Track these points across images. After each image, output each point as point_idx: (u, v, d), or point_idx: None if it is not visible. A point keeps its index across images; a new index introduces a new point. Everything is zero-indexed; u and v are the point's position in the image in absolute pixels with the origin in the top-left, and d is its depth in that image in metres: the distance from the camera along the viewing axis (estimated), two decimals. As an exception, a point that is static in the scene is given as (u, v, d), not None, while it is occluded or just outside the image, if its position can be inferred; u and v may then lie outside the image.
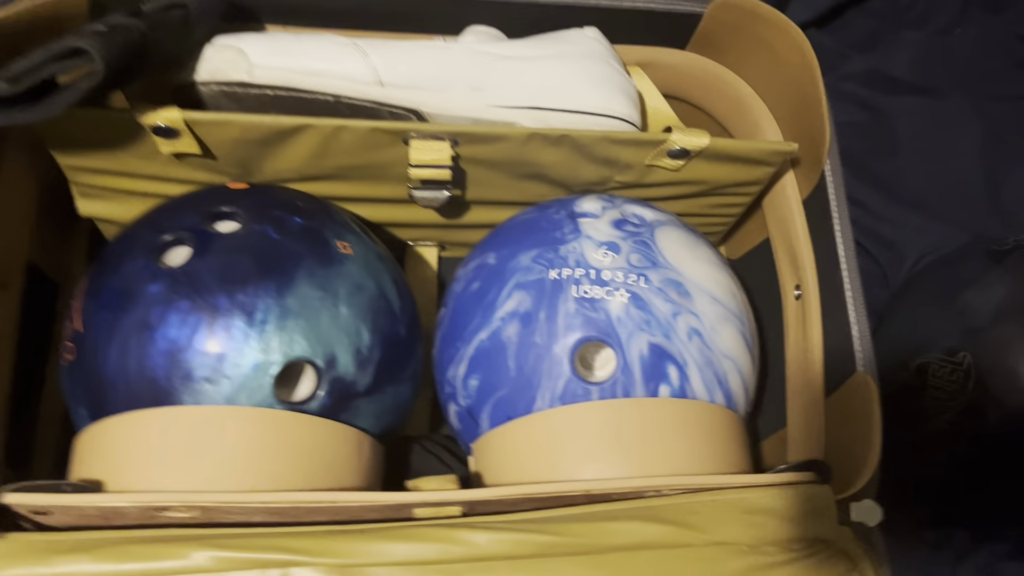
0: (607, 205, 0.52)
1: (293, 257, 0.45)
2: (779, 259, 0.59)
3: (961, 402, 0.52)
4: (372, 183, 0.54)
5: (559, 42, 0.54)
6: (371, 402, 0.47)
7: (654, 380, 0.46)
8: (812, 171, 0.55)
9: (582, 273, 0.47)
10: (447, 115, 0.51)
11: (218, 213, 0.47)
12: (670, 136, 0.51)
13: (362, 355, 0.46)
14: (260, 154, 0.50)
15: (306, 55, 0.49)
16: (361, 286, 0.47)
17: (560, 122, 0.52)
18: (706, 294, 0.48)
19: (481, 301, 0.50)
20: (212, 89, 0.49)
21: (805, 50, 0.53)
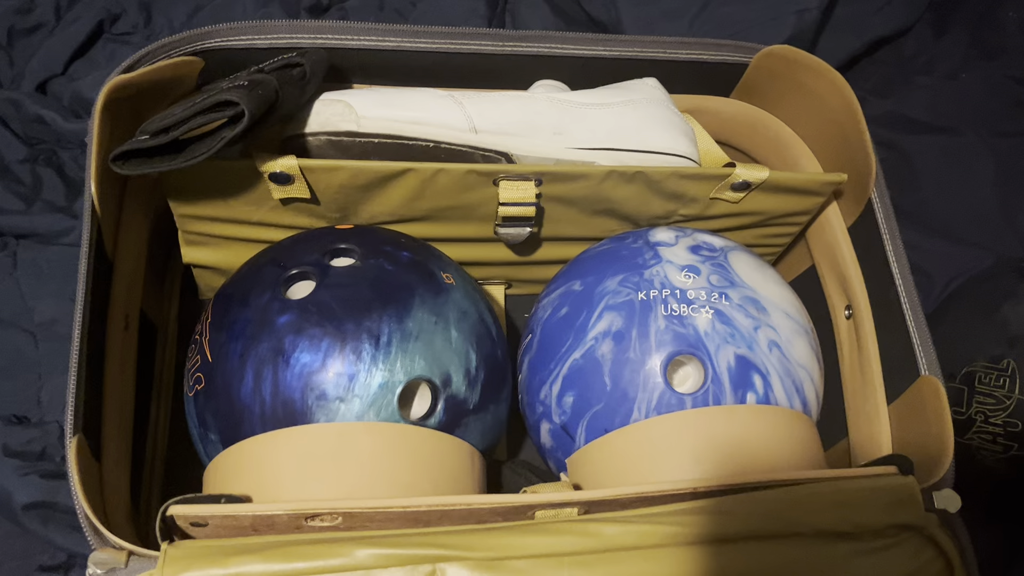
0: (680, 234, 0.57)
1: (407, 287, 0.49)
2: (827, 283, 0.64)
3: (1009, 406, 0.57)
4: (459, 223, 0.58)
5: (626, 90, 0.59)
6: (478, 419, 0.51)
7: (742, 388, 0.50)
8: (855, 201, 0.61)
9: (668, 293, 0.52)
10: (533, 157, 0.56)
11: (335, 250, 0.51)
12: (735, 170, 0.56)
13: (471, 375, 0.50)
14: (361, 198, 0.55)
15: (408, 106, 0.54)
16: (466, 312, 0.51)
17: (633, 161, 0.58)
18: (780, 310, 0.53)
19: (572, 324, 0.54)
20: (320, 139, 0.54)
21: (845, 91, 0.59)
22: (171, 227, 0.57)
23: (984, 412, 0.58)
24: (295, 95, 0.51)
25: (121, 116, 0.51)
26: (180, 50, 0.54)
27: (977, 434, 0.59)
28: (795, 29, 0.72)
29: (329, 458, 0.44)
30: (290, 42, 0.56)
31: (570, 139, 0.57)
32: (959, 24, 0.84)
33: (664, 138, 0.58)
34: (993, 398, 0.58)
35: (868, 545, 0.45)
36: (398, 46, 0.58)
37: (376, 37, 0.57)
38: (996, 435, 0.58)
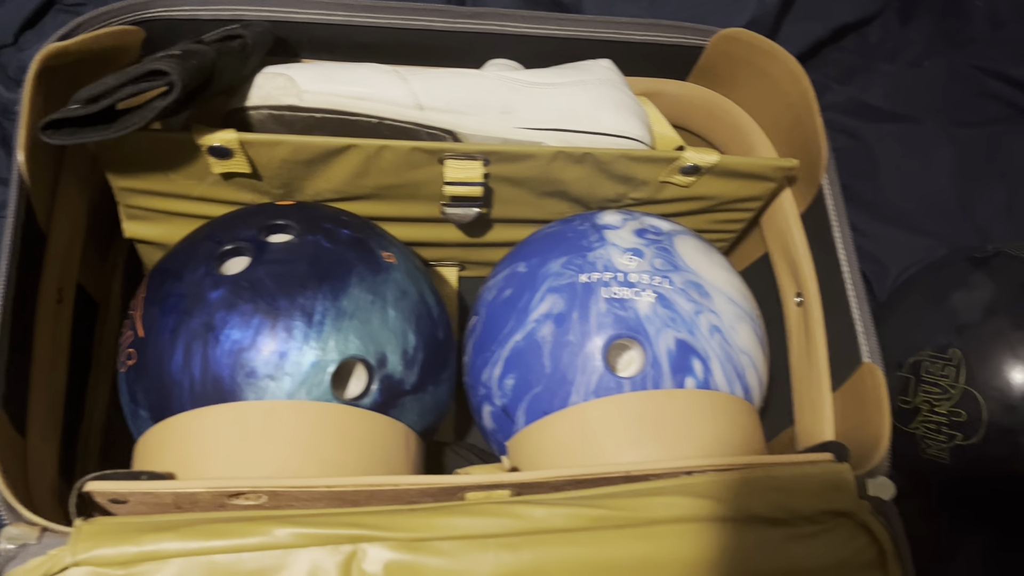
0: (627, 217, 0.57)
1: (345, 264, 0.49)
2: (778, 270, 0.64)
3: (953, 395, 0.57)
4: (406, 202, 0.58)
5: (579, 71, 0.59)
6: (416, 400, 0.50)
7: (681, 373, 0.50)
8: (808, 188, 0.60)
9: (611, 276, 0.51)
10: (480, 136, 0.55)
11: (272, 226, 0.50)
12: (683, 153, 0.56)
13: (408, 355, 0.49)
14: (304, 174, 0.54)
15: (352, 81, 0.53)
16: (405, 292, 0.51)
17: (582, 143, 0.57)
18: (723, 295, 0.53)
19: (515, 306, 0.53)
20: (262, 113, 0.53)
21: (800, 77, 0.59)
22: (115, 200, 0.56)
23: (929, 401, 0.58)
24: (235, 67, 0.50)
25: (57, 85, 0.49)
26: (120, 19, 0.53)
27: (923, 423, 0.59)
28: (755, 13, 0.72)
29: (256, 436, 0.44)
30: (235, 14, 0.55)
31: (519, 118, 0.56)
32: (925, 12, 0.84)
33: (615, 120, 0.58)
34: (938, 387, 0.58)
35: (800, 531, 0.45)
36: (347, 20, 0.57)
37: (324, 11, 0.56)
38: (941, 424, 0.58)
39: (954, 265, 0.63)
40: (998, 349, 0.56)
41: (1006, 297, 0.57)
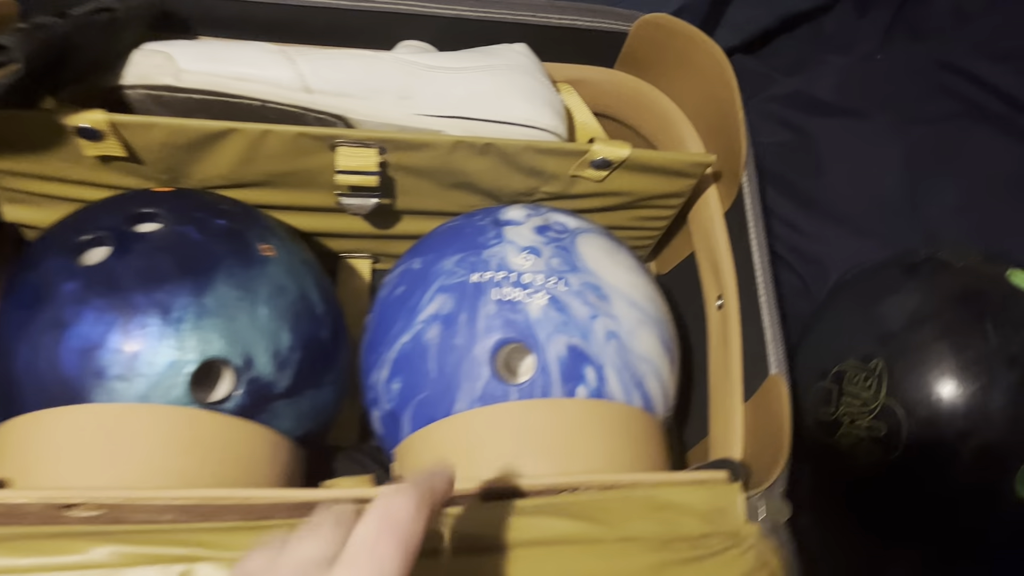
0: (531, 213, 0.53)
1: (213, 257, 0.46)
2: (703, 271, 0.61)
3: (874, 408, 0.54)
4: (300, 191, 0.55)
5: (487, 55, 0.55)
6: (290, 404, 0.47)
7: (572, 381, 0.47)
8: (731, 185, 0.57)
9: (503, 276, 0.48)
10: (374, 122, 0.52)
11: (140, 214, 0.47)
12: (592, 146, 0.52)
13: (281, 356, 0.46)
14: (187, 159, 0.51)
15: (233, 61, 0.49)
16: (283, 288, 0.48)
17: (487, 132, 0.54)
18: (624, 298, 0.49)
19: (404, 305, 0.50)
20: (139, 93, 0.50)
21: (723, 66, 0.55)
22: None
23: (851, 414, 0.55)
24: (99, 43, 0.47)
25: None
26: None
27: (844, 437, 0.56)
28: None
29: (100, 442, 0.41)
30: (117, -15, 0.52)
31: (418, 104, 0.53)
32: (885, 3, 0.80)
33: (524, 109, 0.54)
34: (860, 400, 0.55)
35: (684, 555, 0.42)
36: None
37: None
38: (861, 439, 0.55)
39: (886, 270, 0.59)
40: (920, 361, 0.53)
41: (932, 306, 0.54)
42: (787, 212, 0.70)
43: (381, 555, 0.27)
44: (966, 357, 0.51)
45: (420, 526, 0.28)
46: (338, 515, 0.30)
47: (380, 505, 0.29)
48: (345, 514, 0.30)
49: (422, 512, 0.29)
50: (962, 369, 0.51)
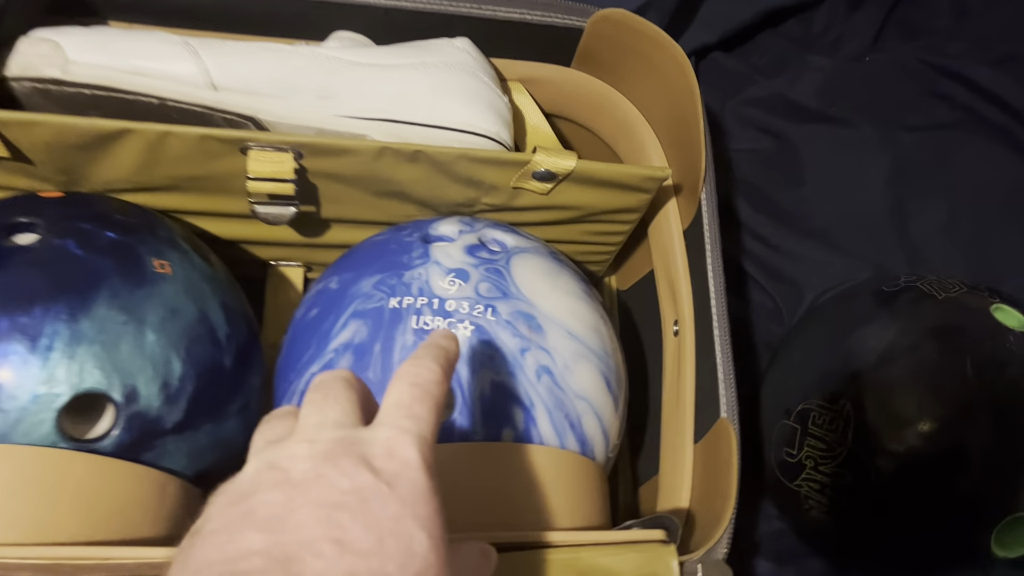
0: (465, 229, 0.48)
1: (94, 275, 0.41)
2: (661, 292, 0.56)
3: (839, 454, 0.48)
4: (214, 196, 0.49)
5: (422, 51, 0.50)
6: (182, 440, 0.42)
7: (496, 423, 0.42)
8: (691, 201, 0.52)
9: (424, 302, 0.43)
10: (289, 124, 0.47)
11: (15, 224, 0.42)
12: (534, 157, 0.47)
13: (171, 388, 0.41)
14: (82, 160, 0.46)
15: (129, 52, 0.44)
16: (177, 311, 0.43)
17: (417, 137, 0.48)
18: (561, 329, 0.44)
19: (317, 330, 0.45)
20: (24, 86, 0.45)
21: (685, 70, 0.50)
22: None
23: (814, 458, 0.50)
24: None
25: None
26: None
27: (806, 481, 0.51)
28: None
29: (-57, 487, 0.36)
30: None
31: (340, 105, 0.47)
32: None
33: (462, 112, 0.49)
34: (824, 444, 0.49)
35: (609, 626, 0.38)
36: (154, -22, 0.48)
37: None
38: (824, 485, 0.50)
39: (861, 298, 0.54)
40: (892, 405, 0.47)
41: (908, 342, 0.48)
42: (761, 226, 0.64)
43: (418, 415, 0.28)
44: (943, 401, 0.46)
45: (445, 387, 0.30)
46: (345, 382, 0.30)
47: (408, 371, 0.29)
48: (353, 383, 0.31)
49: (446, 373, 0.30)
50: (938, 415, 0.46)
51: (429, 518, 0.25)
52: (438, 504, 0.26)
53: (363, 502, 0.24)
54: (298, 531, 0.23)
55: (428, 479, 0.26)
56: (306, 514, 0.24)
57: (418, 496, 0.25)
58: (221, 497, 0.26)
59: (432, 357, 0.30)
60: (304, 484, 0.25)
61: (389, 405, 0.28)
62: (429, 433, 0.28)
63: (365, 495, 0.24)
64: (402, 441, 0.26)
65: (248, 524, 0.24)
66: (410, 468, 0.26)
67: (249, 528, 0.24)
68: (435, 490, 0.26)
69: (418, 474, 0.26)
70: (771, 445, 0.54)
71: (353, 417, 0.28)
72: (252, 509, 0.24)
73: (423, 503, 0.25)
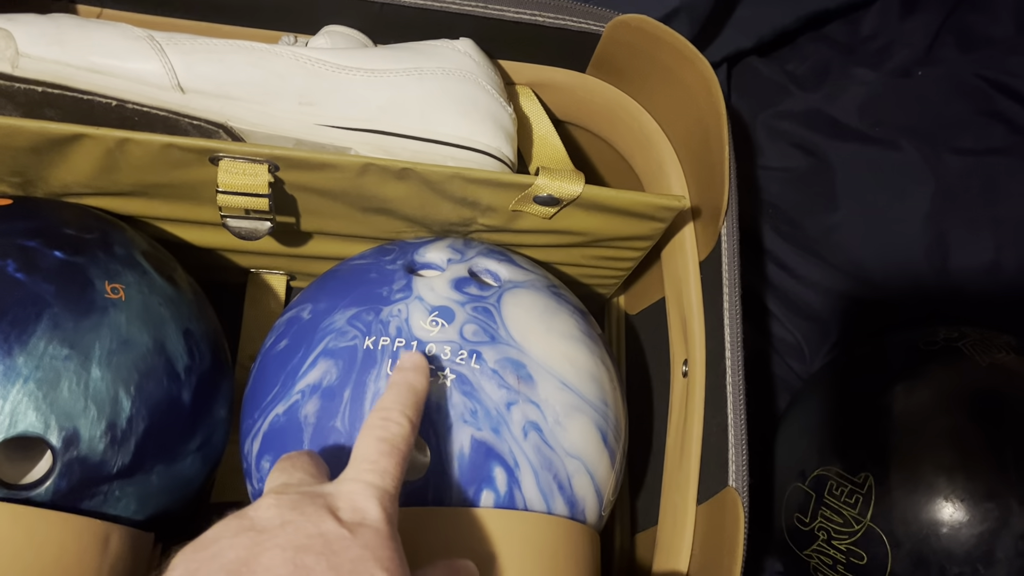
0: (455, 257, 0.43)
1: (35, 303, 0.37)
2: (672, 326, 0.51)
3: (856, 531, 0.44)
4: (186, 204, 0.45)
5: (419, 55, 0.45)
6: (130, 484, 0.38)
7: (475, 484, 0.38)
8: (711, 231, 0.47)
9: (401, 345, 0.39)
10: (265, 133, 0.42)
11: (-48, 239, 0.38)
12: (536, 180, 0.42)
13: (118, 428, 0.37)
14: (35, 163, 0.41)
15: (85, 47, 0.40)
16: (129, 342, 0.38)
17: (408, 152, 0.44)
18: (554, 379, 0.40)
19: (285, 365, 0.41)
20: (-28, 80, 0.40)
21: (712, 88, 0.44)
22: None
23: (828, 531, 0.45)
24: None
25: None
26: None
27: (818, 554, 0.46)
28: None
29: None
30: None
31: (322, 113, 0.42)
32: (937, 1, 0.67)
33: (459, 125, 0.44)
34: (841, 517, 0.45)
35: None
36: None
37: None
38: (837, 561, 0.45)
39: (893, 352, 0.49)
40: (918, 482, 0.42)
41: (941, 412, 0.43)
42: (786, 254, 0.59)
43: (383, 469, 0.30)
44: (975, 487, 0.41)
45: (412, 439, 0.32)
46: (309, 455, 0.33)
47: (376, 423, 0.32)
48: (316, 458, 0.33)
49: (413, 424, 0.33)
50: (968, 502, 0.41)
51: (390, 560, 0.27)
52: (398, 549, 0.28)
53: (327, 545, 0.26)
54: (266, 572, 0.25)
55: (389, 528, 0.28)
56: (273, 556, 0.25)
57: (379, 543, 0.27)
58: (186, 547, 0.27)
59: (401, 408, 0.32)
60: (270, 530, 0.26)
61: (355, 459, 0.30)
62: (392, 486, 0.30)
63: (329, 540, 0.26)
64: (365, 494, 0.29)
65: (215, 567, 0.25)
66: (371, 519, 0.28)
67: (216, 571, 0.25)
68: (395, 537, 0.28)
69: (380, 524, 0.28)
70: (782, 505, 0.49)
71: (319, 480, 0.31)
72: (219, 552, 0.25)
73: (383, 548, 0.27)
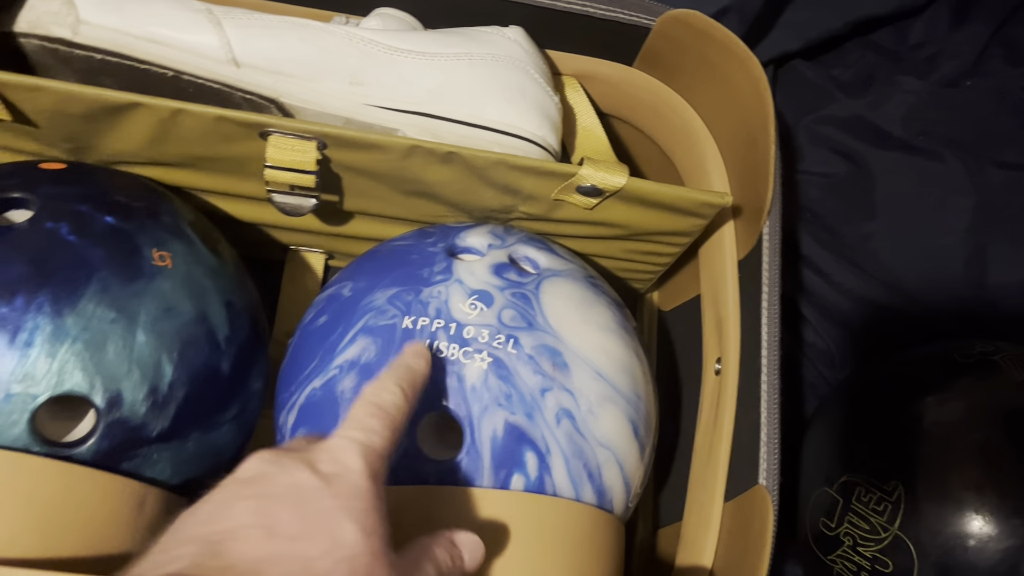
0: (495, 243, 0.44)
1: (86, 266, 0.37)
2: (706, 324, 0.51)
3: (883, 539, 0.44)
4: (230, 177, 0.46)
5: (469, 40, 0.45)
6: (168, 449, 0.39)
7: (506, 467, 0.38)
8: (751, 229, 0.47)
9: (440, 326, 0.39)
10: (315, 110, 0.43)
11: (8, 199, 0.39)
12: (580, 170, 0.42)
13: (160, 393, 0.38)
14: (89, 130, 0.42)
15: (147, 17, 0.40)
16: (173, 309, 0.39)
17: (454, 136, 0.44)
18: (589, 368, 0.40)
19: (324, 340, 0.41)
20: (32, 43, 0.41)
21: (761, 89, 0.44)
22: None
23: (854, 536, 0.45)
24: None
25: None
26: None
27: (842, 559, 0.46)
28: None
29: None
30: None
31: (372, 93, 0.43)
32: (987, 12, 0.66)
33: (505, 112, 0.44)
34: (868, 524, 0.44)
35: None
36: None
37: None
38: (861, 568, 0.45)
39: (926, 362, 0.48)
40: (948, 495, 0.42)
41: (975, 425, 0.43)
42: (822, 260, 0.59)
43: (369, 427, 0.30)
44: (1006, 504, 0.40)
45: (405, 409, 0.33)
46: None
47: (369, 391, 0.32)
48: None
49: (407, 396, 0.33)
50: (999, 517, 0.40)
51: (363, 512, 0.27)
52: (377, 504, 0.28)
53: (299, 496, 0.27)
54: (231, 520, 0.26)
55: (369, 482, 0.28)
56: (243, 506, 0.27)
57: (354, 494, 0.28)
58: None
59: (396, 380, 0.33)
60: (247, 481, 0.28)
61: (345, 421, 0.31)
62: (380, 445, 0.30)
63: (301, 490, 0.27)
64: (348, 448, 0.29)
65: (191, 520, 0.27)
66: (351, 472, 0.28)
67: (191, 523, 0.27)
68: (377, 494, 0.29)
69: (358, 477, 0.28)
70: (807, 509, 0.49)
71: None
72: (197, 508, 0.27)
73: (358, 500, 0.28)
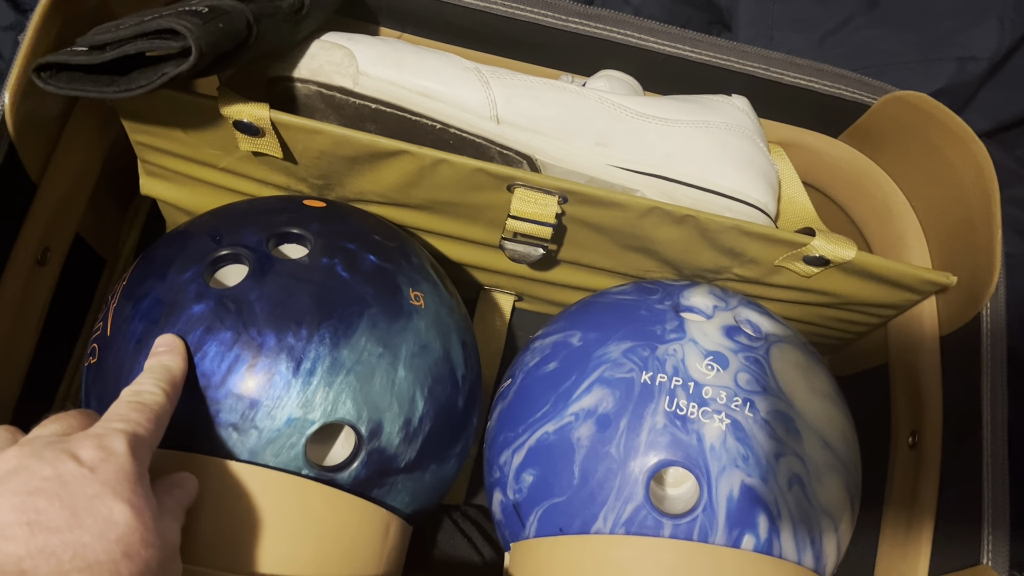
0: (720, 305, 0.45)
1: (358, 302, 0.40)
2: (896, 395, 0.52)
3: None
4: (462, 222, 0.48)
5: (704, 108, 0.47)
6: (410, 479, 0.41)
7: (739, 527, 0.39)
8: (960, 308, 0.47)
9: (679, 383, 0.41)
10: (563, 167, 0.45)
11: (285, 234, 0.42)
12: (812, 240, 0.44)
13: (411, 427, 0.40)
14: (346, 170, 0.45)
15: (420, 72, 0.43)
16: (427, 347, 0.41)
17: (687, 199, 0.46)
18: (817, 436, 0.41)
19: (556, 387, 0.43)
20: (310, 89, 0.44)
21: (984, 168, 0.45)
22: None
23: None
24: (283, 31, 0.41)
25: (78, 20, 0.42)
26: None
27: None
28: (951, 80, 0.56)
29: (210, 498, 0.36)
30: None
31: (616, 154, 0.45)
32: None
33: (736, 179, 0.46)
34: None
35: None
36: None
37: (412, -24, 0.46)
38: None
39: None
40: None
41: None
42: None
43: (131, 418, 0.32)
44: None
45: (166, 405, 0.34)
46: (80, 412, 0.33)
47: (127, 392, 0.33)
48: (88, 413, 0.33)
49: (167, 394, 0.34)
50: None
51: (133, 492, 0.28)
52: (144, 485, 0.29)
53: (63, 486, 0.27)
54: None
55: (135, 465, 0.29)
56: (3, 503, 0.27)
57: (121, 477, 0.29)
58: None
59: (155, 381, 0.34)
60: (6, 477, 0.28)
61: (104, 416, 0.32)
62: (144, 431, 0.31)
63: (65, 480, 0.28)
64: (112, 436, 0.30)
65: None
66: (116, 456, 0.29)
67: None
68: (142, 475, 0.30)
69: (124, 460, 0.29)
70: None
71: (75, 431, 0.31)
72: None
73: (126, 482, 0.29)
